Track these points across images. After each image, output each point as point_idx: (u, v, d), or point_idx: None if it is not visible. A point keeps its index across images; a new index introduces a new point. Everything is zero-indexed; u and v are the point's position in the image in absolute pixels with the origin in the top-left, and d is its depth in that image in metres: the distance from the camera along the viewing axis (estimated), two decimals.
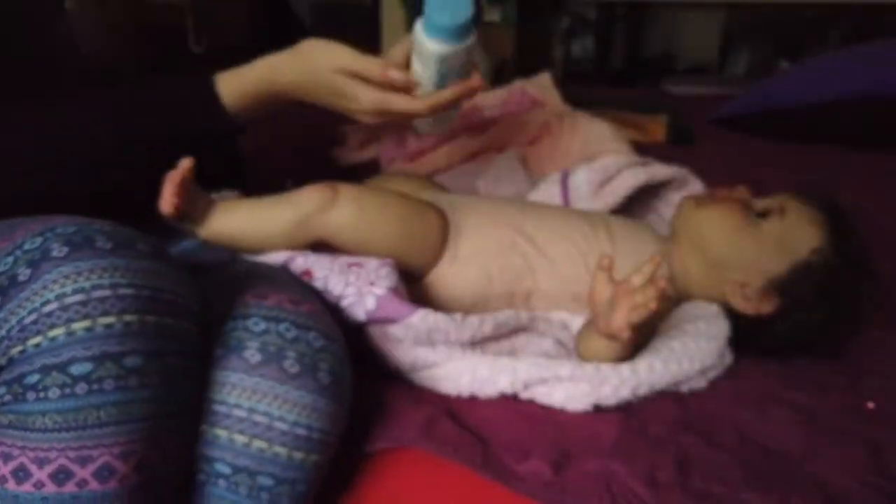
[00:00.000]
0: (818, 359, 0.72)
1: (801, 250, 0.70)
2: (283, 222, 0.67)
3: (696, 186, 0.89)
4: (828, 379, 0.68)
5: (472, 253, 0.72)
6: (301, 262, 0.66)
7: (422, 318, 0.62)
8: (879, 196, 1.02)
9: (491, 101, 1.20)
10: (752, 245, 0.72)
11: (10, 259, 0.48)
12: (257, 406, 0.53)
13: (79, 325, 0.46)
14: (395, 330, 0.63)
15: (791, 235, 0.71)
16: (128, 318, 0.46)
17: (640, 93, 1.81)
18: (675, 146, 1.21)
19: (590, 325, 0.66)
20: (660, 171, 0.88)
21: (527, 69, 1.34)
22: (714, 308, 0.72)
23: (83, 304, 0.46)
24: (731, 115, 1.32)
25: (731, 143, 1.23)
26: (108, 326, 0.46)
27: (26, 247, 0.48)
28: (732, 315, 0.72)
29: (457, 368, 0.63)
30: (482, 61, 2.43)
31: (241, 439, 0.52)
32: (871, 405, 0.63)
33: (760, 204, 0.74)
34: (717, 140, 1.25)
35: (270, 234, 0.68)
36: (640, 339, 0.66)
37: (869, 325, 0.73)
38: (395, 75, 0.66)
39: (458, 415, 0.61)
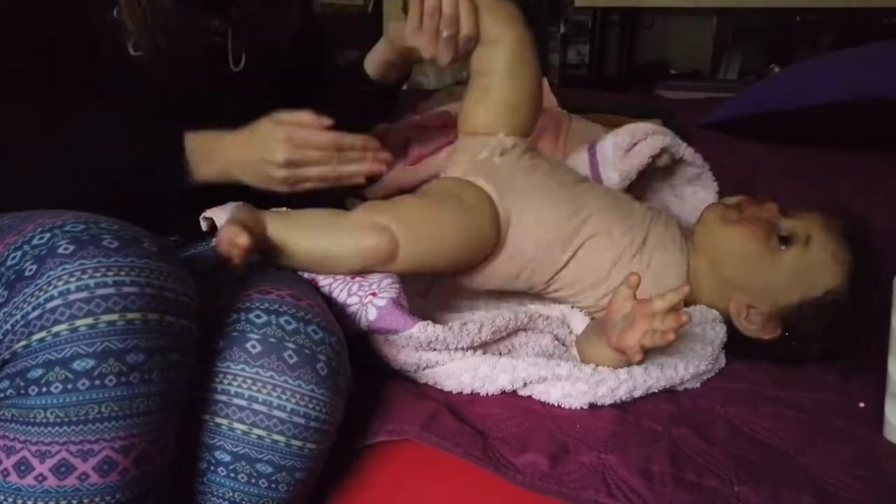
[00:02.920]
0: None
1: (817, 287, 0.69)
2: (347, 270, 0.67)
3: (708, 181, 0.88)
4: (819, 378, 0.69)
5: (516, 254, 0.72)
6: None
7: (420, 330, 0.63)
8: (869, 199, 1.03)
9: None
10: (766, 273, 0.70)
11: (18, 253, 0.49)
12: (257, 395, 0.54)
13: (82, 322, 0.46)
14: (395, 338, 0.64)
15: (809, 270, 0.69)
16: (130, 315, 0.47)
17: (635, 97, 1.82)
18: None
19: (597, 331, 0.65)
20: (680, 144, 0.86)
21: None
22: (712, 314, 0.72)
23: (87, 301, 0.47)
24: (723, 119, 1.34)
25: (724, 146, 1.24)
26: (111, 323, 0.47)
27: (34, 242, 0.49)
28: (729, 329, 0.72)
29: (458, 367, 0.64)
30: None
31: (241, 428, 0.54)
32: (861, 405, 0.64)
33: (786, 226, 0.71)
34: (709, 143, 1.26)
35: (336, 272, 0.67)
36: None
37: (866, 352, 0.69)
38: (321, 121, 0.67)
39: (457, 410, 0.63)
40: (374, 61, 0.84)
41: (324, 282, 0.67)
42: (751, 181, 1.06)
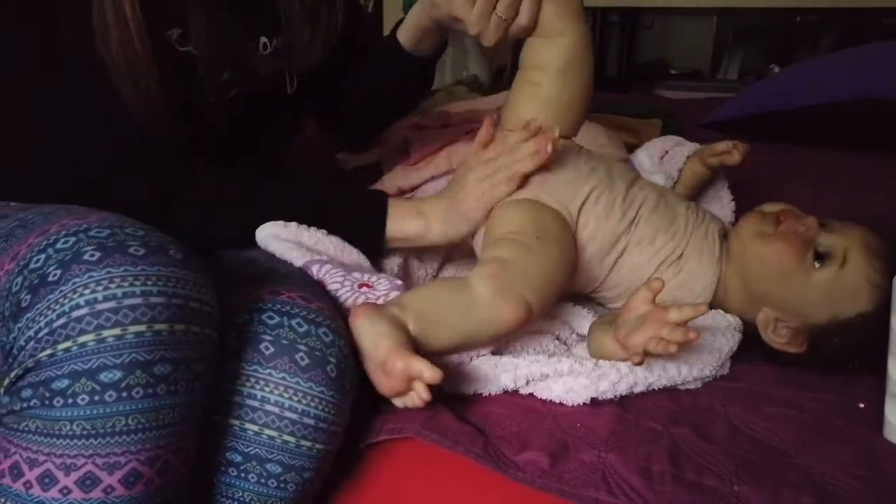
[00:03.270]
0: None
1: (848, 310, 0.67)
2: (487, 341, 0.66)
3: (722, 186, 0.90)
4: (819, 378, 0.69)
5: (578, 254, 0.72)
6: (315, 271, 0.67)
7: None
8: (869, 199, 1.03)
9: (490, 105, 1.22)
10: (798, 291, 0.69)
11: (42, 257, 0.48)
12: (269, 396, 0.54)
13: (109, 333, 0.46)
14: None
15: (843, 291, 0.68)
16: (158, 326, 0.47)
17: (635, 97, 1.82)
18: None
19: (610, 324, 0.66)
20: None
21: None
22: (727, 321, 0.71)
23: (114, 311, 0.46)
24: (723, 119, 1.34)
25: None
26: (139, 335, 0.46)
27: (59, 245, 0.48)
28: (754, 334, 0.71)
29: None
30: (481, 67, 2.45)
31: (252, 428, 0.54)
32: (861, 405, 0.64)
33: (825, 243, 0.69)
34: (710, 142, 1.26)
35: (474, 346, 0.65)
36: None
37: None
38: None
39: (458, 408, 0.63)
40: (409, 27, 0.81)
41: (331, 287, 0.66)
42: (751, 181, 1.06)
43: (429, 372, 0.55)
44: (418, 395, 0.56)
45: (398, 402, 0.59)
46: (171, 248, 0.50)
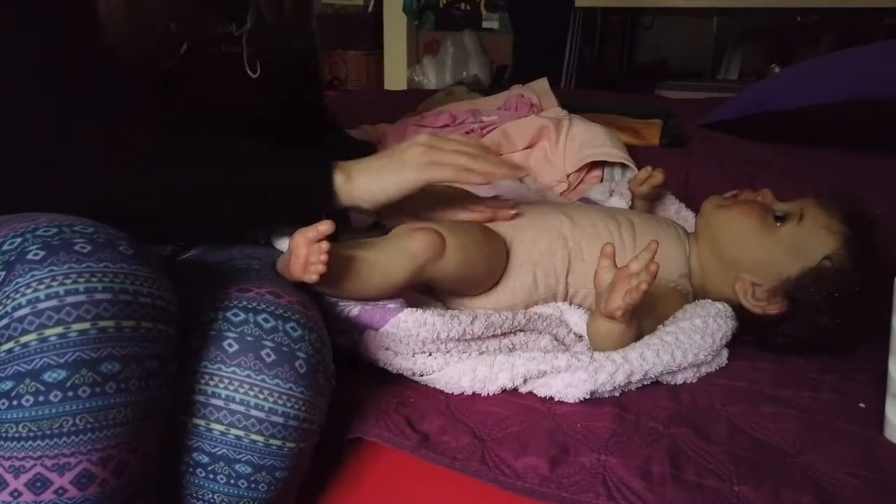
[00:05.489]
0: (812, 359, 0.73)
1: (814, 256, 0.72)
2: (401, 273, 0.67)
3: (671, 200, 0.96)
4: (818, 378, 0.69)
5: (523, 263, 0.75)
6: None
7: (409, 314, 0.64)
8: (870, 197, 1.03)
9: (489, 106, 1.22)
10: (765, 247, 0.74)
11: None
12: (234, 395, 0.53)
13: (52, 332, 0.45)
14: (387, 334, 0.64)
15: (805, 241, 0.73)
16: (103, 323, 0.46)
17: (635, 97, 1.82)
18: (670, 149, 1.22)
19: (596, 309, 0.69)
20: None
21: (525, 75, 1.36)
22: (716, 308, 0.73)
23: (56, 309, 0.45)
24: (723, 119, 1.34)
25: (724, 146, 1.24)
26: (83, 332, 0.45)
27: (5, 247, 0.48)
28: (742, 313, 0.74)
29: (457, 372, 0.64)
30: (481, 67, 2.45)
31: (218, 428, 0.53)
32: (861, 405, 0.64)
33: (781, 208, 0.76)
34: (710, 143, 1.26)
35: (388, 284, 0.67)
36: (646, 325, 0.69)
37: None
38: None
39: (455, 410, 0.63)
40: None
41: None
42: (751, 181, 1.06)
43: (323, 226, 0.59)
44: (320, 251, 0.59)
45: (307, 277, 0.60)
46: (121, 244, 0.49)
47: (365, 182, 0.68)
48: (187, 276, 0.61)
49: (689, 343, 0.68)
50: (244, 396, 0.53)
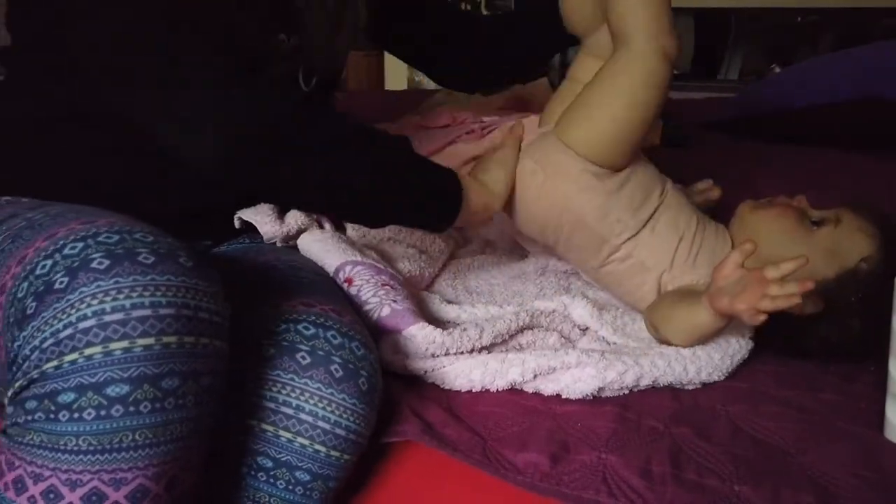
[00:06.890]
0: (814, 362, 0.73)
1: (851, 258, 0.72)
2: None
3: None
4: (820, 379, 0.70)
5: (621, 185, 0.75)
6: (349, 269, 0.70)
7: (419, 329, 0.65)
8: (870, 197, 1.03)
9: (490, 105, 1.22)
10: (803, 249, 0.72)
11: (49, 262, 0.47)
12: (304, 405, 0.55)
13: (117, 346, 0.45)
14: (401, 341, 0.66)
15: (843, 243, 0.73)
16: (167, 339, 0.46)
17: None
18: (671, 148, 1.22)
19: (685, 298, 0.69)
20: None
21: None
22: (740, 329, 0.72)
23: (122, 323, 0.45)
24: (723, 119, 1.34)
25: (725, 146, 1.24)
26: (147, 348, 0.45)
27: (66, 251, 0.47)
28: (774, 316, 0.71)
29: (468, 365, 0.65)
30: None
31: (286, 435, 0.55)
32: (862, 406, 0.64)
33: (817, 214, 0.76)
34: (710, 142, 1.26)
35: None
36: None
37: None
38: None
39: (458, 409, 0.63)
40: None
41: (357, 282, 0.69)
42: (751, 181, 1.06)
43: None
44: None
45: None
46: (181, 256, 0.49)
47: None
48: (236, 281, 0.61)
49: (707, 360, 0.68)
50: (313, 408, 0.55)
